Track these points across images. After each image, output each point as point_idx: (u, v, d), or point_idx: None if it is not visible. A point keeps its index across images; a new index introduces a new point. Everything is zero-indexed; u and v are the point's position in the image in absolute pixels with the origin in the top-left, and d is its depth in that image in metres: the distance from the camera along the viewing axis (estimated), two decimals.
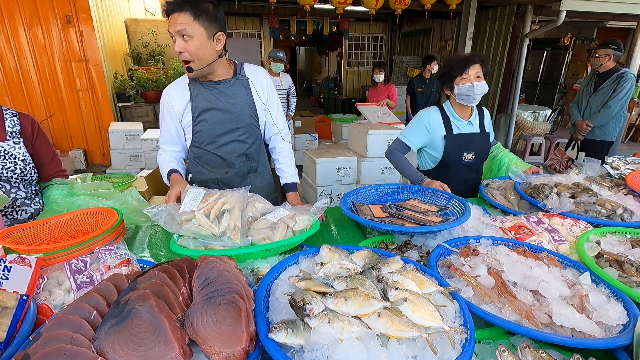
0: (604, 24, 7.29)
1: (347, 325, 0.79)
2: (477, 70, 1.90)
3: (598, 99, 3.86)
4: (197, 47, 1.49)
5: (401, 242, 1.40)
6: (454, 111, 2.05)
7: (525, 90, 8.83)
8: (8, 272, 0.89)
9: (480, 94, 1.94)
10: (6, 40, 5.00)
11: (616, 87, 3.71)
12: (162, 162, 1.78)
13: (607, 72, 3.81)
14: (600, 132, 3.90)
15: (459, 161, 2.06)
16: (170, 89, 1.71)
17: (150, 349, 0.70)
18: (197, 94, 1.64)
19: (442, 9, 5.80)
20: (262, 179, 1.91)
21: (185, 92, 1.66)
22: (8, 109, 1.60)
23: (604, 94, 3.81)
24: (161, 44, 6.48)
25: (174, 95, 1.68)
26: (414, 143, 2.10)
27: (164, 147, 1.80)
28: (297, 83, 18.77)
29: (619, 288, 1.03)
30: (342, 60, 11.17)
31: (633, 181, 1.80)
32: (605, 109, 3.76)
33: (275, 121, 1.82)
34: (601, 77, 3.87)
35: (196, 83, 1.64)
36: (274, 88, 1.82)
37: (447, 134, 2.03)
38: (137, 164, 5.00)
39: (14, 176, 1.56)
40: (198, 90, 1.64)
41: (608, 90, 3.78)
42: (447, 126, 2.04)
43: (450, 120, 2.04)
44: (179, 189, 1.49)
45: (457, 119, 2.05)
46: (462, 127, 2.05)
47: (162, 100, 1.72)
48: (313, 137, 6.18)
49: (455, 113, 2.05)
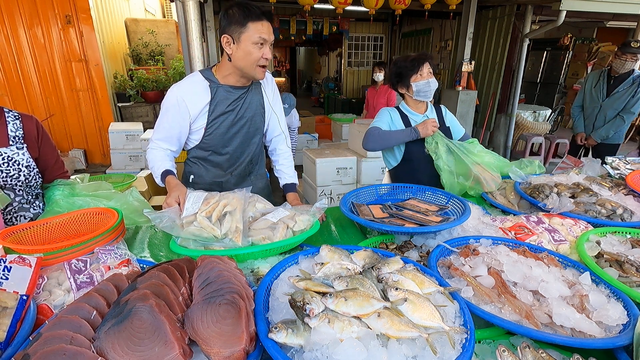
0: (604, 24, 7.27)
1: (347, 325, 0.79)
2: (428, 68, 2.03)
3: (614, 104, 3.61)
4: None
5: (401, 242, 1.40)
6: (409, 108, 2.16)
7: (525, 90, 8.83)
8: (8, 272, 0.89)
9: (434, 89, 2.06)
10: (6, 40, 5.01)
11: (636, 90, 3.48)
12: (154, 158, 1.65)
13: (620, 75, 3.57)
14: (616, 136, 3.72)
15: (421, 154, 2.08)
16: (185, 88, 1.61)
17: (150, 349, 0.70)
18: (219, 96, 1.61)
19: (442, 9, 5.79)
20: (262, 180, 1.93)
21: (206, 94, 1.60)
22: (10, 111, 1.53)
23: (620, 97, 3.57)
24: (161, 44, 6.48)
25: (191, 96, 1.59)
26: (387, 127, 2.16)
27: (159, 143, 1.66)
28: (297, 83, 18.78)
29: (619, 288, 1.03)
30: (342, 60, 11.15)
31: (633, 181, 1.80)
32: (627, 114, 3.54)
33: (280, 123, 1.84)
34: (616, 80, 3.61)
35: (218, 86, 1.60)
36: (277, 89, 1.84)
37: (406, 126, 2.12)
38: (137, 164, 5.00)
39: (18, 183, 1.50)
40: (220, 93, 1.61)
41: (625, 94, 3.53)
42: (406, 122, 2.14)
43: (408, 117, 2.15)
44: (178, 195, 1.40)
45: (413, 114, 2.15)
46: (419, 120, 2.13)
47: (171, 98, 1.60)
48: (313, 137, 6.18)
49: (410, 109, 2.15)
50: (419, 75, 2.02)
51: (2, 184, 1.47)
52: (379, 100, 5.32)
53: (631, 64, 3.49)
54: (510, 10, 5.86)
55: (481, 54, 6.59)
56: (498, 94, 6.33)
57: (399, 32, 10.59)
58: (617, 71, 3.59)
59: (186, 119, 1.62)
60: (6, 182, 1.47)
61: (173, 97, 1.59)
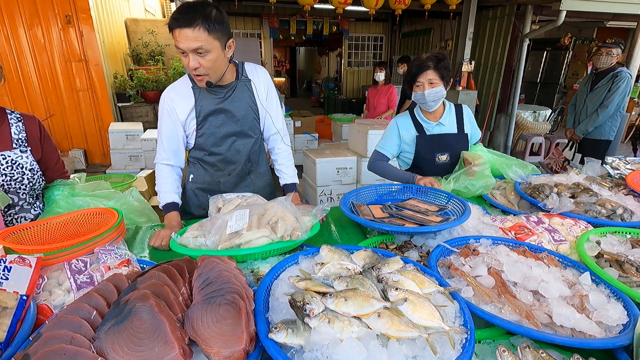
0: (604, 24, 7.28)
1: (347, 325, 0.79)
2: (430, 77, 1.88)
3: (594, 98, 3.86)
4: (214, 61, 1.42)
5: (401, 242, 1.40)
6: (422, 114, 2.06)
7: (525, 90, 8.83)
8: (8, 272, 0.89)
9: (435, 100, 1.93)
10: (6, 40, 5.00)
11: (611, 86, 3.71)
12: (160, 181, 1.67)
13: (603, 71, 3.80)
14: (597, 132, 3.90)
15: (432, 162, 2.05)
16: (171, 92, 1.62)
17: (150, 349, 0.70)
18: (202, 98, 1.60)
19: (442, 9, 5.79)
20: (263, 179, 1.91)
21: (189, 97, 1.60)
22: (12, 112, 1.51)
23: (599, 93, 3.81)
24: (161, 44, 6.48)
25: (179, 100, 1.61)
26: (391, 152, 2.13)
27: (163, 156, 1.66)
28: (297, 83, 18.78)
29: (619, 288, 1.03)
30: (342, 60, 11.16)
31: (633, 181, 1.80)
32: (602, 109, 3.76)
33: (274, 122, 1.80)
34: (598, 76, 3.86)
35: (200, 88, 1.59)
36: (274, 87, 1.80)
37: (419, 134, 2.04)
38: (137, 164, 5.00)
39: (22, 187, 1.49)
40: (203, 94, 1.60)
41: (603, 89, 3.78)
42: (419, 128, 2.05)
43: (422, 125, 2.05)
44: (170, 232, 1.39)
45: (425, 122, 2.05)
46: (432, 129, 2.05)
47: (162, 103, 1.62)
48: (313, 137, 6.18)
49: (423, 116, 2.05)
50: (417, 84, 1.93)
51: (6, 188, 1.46)
52: (380, 100, 5.33)
53: (606, 58, 3.72)
54: (510, 10, 5.87)
55: (481, 54, 6.60)
56: (498, 94, 6.33)
57: (399, 32, 10.60)
58: (597, 66, 3.86)
59: (179, 125, 1.65)
60: (10, 186, 1.46)
61: (163, 102, 1.63)
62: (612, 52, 3.69)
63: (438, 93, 1.91)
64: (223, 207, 1.48)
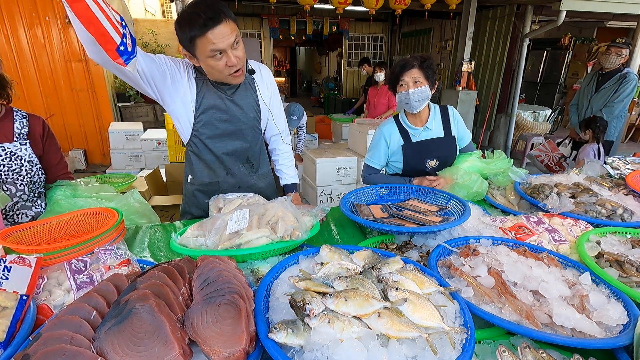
0: (604, 24, 7.28)
1: (347, 325, 0.79)
2: (414, 75, 1.82)
3: (599, 99, 3.81)
4: (244, 49, 1.39)
5: (401, 242, 1.40)
6: (407, 119, 1.99)
7: (525, 90, 8.83)
8: (8, 272, 0.89)
9: (420, 100, 1.86)
10: (6, 40, 5.01)
11: (618, 87, 3.66)
12: None
13: (610, 72, 3.74)
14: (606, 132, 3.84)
15: (422, 169, 1.99)
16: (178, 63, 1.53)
17: (150, 349, 0.70)
18: (204, 91, 1.55)
19: (442, 9, 5.80)
20: (264, 180, 1.87)
21: (192, 85, 1.54)
22: (19, 111, 1.61)
23: (605, 94, 3.76)
24: (161, 44, 6.48)
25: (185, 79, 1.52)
26: (380, 163, 2.08)
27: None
28: (297, 83, 18.78)
29: (619, 288, 1.03)
30: (342, 60, 11.16)
31: (633, 181, 1.80)
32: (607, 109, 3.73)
33: (276, 122, 1.78)
34: (604, 77, 3.80)
35: (203, 79, 1.54)
36: (277, 88, 1.78)
37: (405, 143, 1.97)
38: (137, 164, 5.00)
39: (20, 178, 1.55)
40: (206, 87, 1.55)
41: (610, 90, 3.73)
42: (405, 136, 1.97)
43: (407, 132, 1.98)
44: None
45: (411, 128, 1.98)
46: (419, 135, 1.97)
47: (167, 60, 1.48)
48: (313, 137, 6.17)
49: (408, 122, 1.98)
50: (401, 84, 1.85)
51: (4, 178, 1.52)
52: (380, 101, 5.33)
53: (615, 58, 3.66)
54: (510, 10, 5.87)
55: (481, 54, 6.60)
56: (498, 94, 6.33)
57: (399, 32, 10.60)
58: (604, 66, 3.78)
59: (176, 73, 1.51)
60: (8, 177, 1.53)
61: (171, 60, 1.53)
62: (621, 52, 3.62)
63: (423, 93, 1.84)
64: (224, 207, 1.48)
